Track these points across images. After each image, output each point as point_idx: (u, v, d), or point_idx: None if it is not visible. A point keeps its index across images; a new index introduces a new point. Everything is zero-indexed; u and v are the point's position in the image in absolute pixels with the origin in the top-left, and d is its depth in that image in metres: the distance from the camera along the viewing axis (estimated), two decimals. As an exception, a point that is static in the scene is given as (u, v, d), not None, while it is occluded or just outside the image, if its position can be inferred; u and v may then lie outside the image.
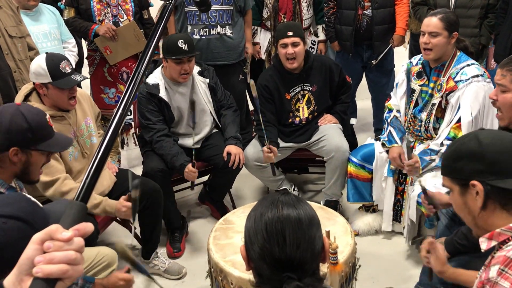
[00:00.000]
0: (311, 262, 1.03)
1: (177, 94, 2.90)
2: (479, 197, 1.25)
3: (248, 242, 1.07)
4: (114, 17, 3.35)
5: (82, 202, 0.77)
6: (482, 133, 1.30)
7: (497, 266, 1.17)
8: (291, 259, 1.01)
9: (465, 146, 1.30)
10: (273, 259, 1.01)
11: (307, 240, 1.02)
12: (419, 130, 2.72)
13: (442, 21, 2.49)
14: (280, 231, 1.02)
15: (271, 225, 1.02)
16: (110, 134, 0.86)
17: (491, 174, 1.24)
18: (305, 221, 1.04)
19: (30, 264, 0.70)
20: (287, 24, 2.98)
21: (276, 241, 1.01)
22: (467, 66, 2.53)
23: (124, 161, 3.97)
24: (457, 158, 1.31)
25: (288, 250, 1.00)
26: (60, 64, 2.25)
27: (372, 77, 3.93)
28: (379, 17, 3.60)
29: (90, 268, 2.02)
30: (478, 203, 1.26)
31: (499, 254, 1.19)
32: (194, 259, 2.89)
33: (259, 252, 1.03)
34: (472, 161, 1.27)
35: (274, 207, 1.05)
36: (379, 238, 2.97)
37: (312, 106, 3.09)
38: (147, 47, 1.01)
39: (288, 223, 1.02)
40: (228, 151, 2.86)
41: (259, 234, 1.03)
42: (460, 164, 1.30)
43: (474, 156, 1.26)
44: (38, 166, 1.83)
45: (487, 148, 1.25)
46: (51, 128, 1.86)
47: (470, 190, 1.27)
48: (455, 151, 1.32)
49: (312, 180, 3.66)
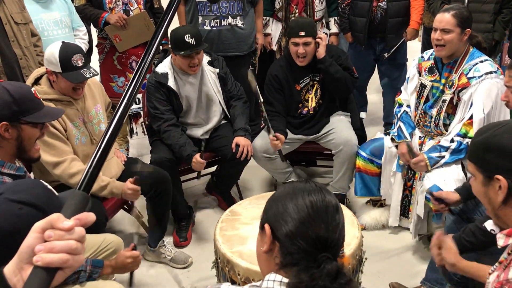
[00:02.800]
0: (341, 246, 1.07)
1: (187, 83, 2.89)
2: (502, 192, 1.22)
3: (282, 218, 1.06)
4: (125, 5, 3.35)
5: (84, 192, 0.77)
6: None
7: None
8: (331, 239, 1.03)
9: (497, 139, 1.24)
10: (316, 237, 1.02)
11: (342, 224, 1.07)
12: (429, 126, 2.69)
13: (455, 18, 2.45)
14: (325, 211, 1.05)
15: (317, 203, 1.05)
16: (114, 124, 0.85)
17: None
18: (340, 208, 1.09)
19: (30, 252, 0.70)
20: (300, 23, 2.91)
21: (321, 219, 1.04)
22: (480, 63, 2.48)
23: (132, 150, 3.99)
24: (486, 149, 1.26)
25: (331, 229, 1.04)
26: (72, 57, 2.24)
27: (384, 70, 3.89)
28: (394, 9, 3.56)
29: (96, 255, 2.04)
30: (500, 197, 1.23)
31: None
32: (200, 248, 2.90)
33: (300, 228, 1.03)
34: (501, 156, 1.22)
35: (316, 190, 1.08)
36: (385, 233, 2.96)
37: (319, 95, 3.07)
38: (154, 38, 0.99)
39: (330, 206, 1.06)
40: (236, 142, 2.86)
41: (303, 211, 1.04)
42: (488, 156, 1.25)
43: (505, 152, 1.22)
44: (32, 140, 1.82)
45: None
46: (39, 100, 1.85)
47: (493, 183, 1.24)
48: (486, 142, 1.26)
49: (320, 173, 3.64)
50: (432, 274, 2.30)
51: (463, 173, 2.51)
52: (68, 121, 2.34)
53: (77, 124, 2.39)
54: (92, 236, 2.07)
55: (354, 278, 1.97)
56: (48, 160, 2.25)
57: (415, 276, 2.53)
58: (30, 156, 1.84)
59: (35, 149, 1.85)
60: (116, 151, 2.71)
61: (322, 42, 2.90)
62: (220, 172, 3.21)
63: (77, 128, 2.38)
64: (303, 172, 3.67)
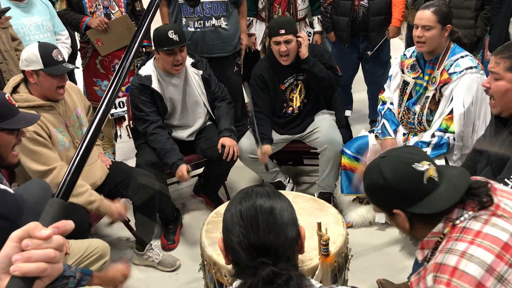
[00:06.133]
0: (285, 248, 1.07)
1: (170, 85, 2.88)
2: (405, 221, 1.37)
3: (226, 232, 1.12)
4: (106, 8, 3.33)
5: (62, 199, 0.76)
6: (384, 166, 1.37)
7: (431, 274, 1.26)
8: (264, 244, 1.05)
9: (372, 182, 1.40)
10: (249, 244, 1.06)
11: (279, 226, 1.08)
12: (412, 122, 2.71)
13: (435, 14, 2.47)
14: (254, 217, 1.08)
15: (246, 212, 1.09)
16: (92, 130, 0.85)
17: (404, 203, 1.35)
18: (277, 209, 1.10)
19: (7, 262, 0.69)
20: (279, 21, 2.94)
21: (250, 226, 1.07)
22: (461, 58, 2.51)
23: (117, 153, 3.96)
24: (371, 193, 1.43)
25: (262, 235, 1.06)
26: (52, 52, 2.25)
27: (368, 68, 3.92)
28: (375, 8, 3.59)
29: (82, 260, 2.03)
30: (406, 225, 1.38)
31: (430, 263, 1.29)
32: (188, 251, 2.89)
33: (236, 240, 1.08)
34: (384, 195, 1.38)
35: (248, 197, 1.12)
36: (372, 229, 2.98)
37: (303, 94, 3.08)
38: (132, 43, 0.99)
39: (261, 210, 1.08)
40: (222, 143, 2.86)
41: (236, 223, 1.09)
42: (376, 197, 1.43)
43: (384, 191, 1.37)
44: (8, 147, 1.81)
45: (391, 181, 1.34)
46: (14, 107, 1.84)
47: (395, 216, 1.39)
48: (368, 187, 1.43)
49: (307, 172, 3.66)
50: (418, 269, 2.32)
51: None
52: (51, 127, 2.31)
53: (61, 129, 2.37)
54: (77, 242, 2.06)
55: (341, 275, 1.98)
56: (36, 169, 2.22)
57: (402, 272, 2.56)
58: (8, 162, 1.82)
59: (13, 155, 1.83)
60: (100, 155, 2.69)
61: (304, 42, 2.92)
62: (207, 173, 3.20)
63: (61, 134, 2.36)
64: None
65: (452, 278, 1.20)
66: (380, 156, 1.44)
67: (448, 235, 1.31)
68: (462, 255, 1.22)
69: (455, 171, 1.41)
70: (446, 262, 1.23)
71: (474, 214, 1.30)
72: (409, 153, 1.38)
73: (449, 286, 1.20)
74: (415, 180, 1.32)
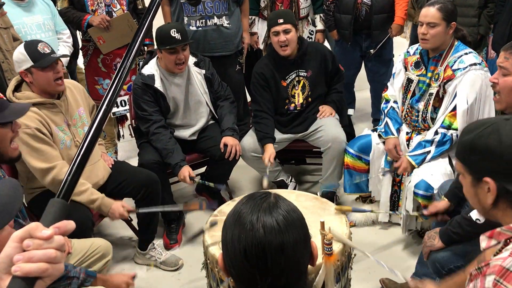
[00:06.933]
0: (298, 282, 0.95)
1: (173, 85, 2.88)
2: (491, 194, 1.18)
3: (226, 258, 0.97)
4: (107, 6, 3.33)
5: (63, 200, 0.76)
6: (505, 128, 1.16)
7: (492, 276, 1.10)
8: (275, 284, 0.92)
9: (483, 141, 1.18)
10: (256, 285, 0.92)
11: (292, 264, 0.92)
12: (416, 120, 2.70)
13: (440, 11, 2.46)
14: (261, 258, 0.90)
15: (251, 249, 0.90)
16: (93, 129, 0.84)
17: (506, 176, 1.16)
18: (290, 243, 0.91)
19: (9, 262, 0.68)
20: (277, 12, 2.97)
21: (257, 267, 0.91)
22: (465, 55, 2.50)
23: (119, 152, 3.96)
24: (473, 150, 1.20)
25: (271, 278, 0.91)
26: (38, 46, 2.23)
27: (371, 66, 3.90)
28: (378, 6, 3.58)
29: (84, 259, 2.03)
30: (489, 200, 1.19)
31: (495, 263, 1.12)
32: (191, 250, 2.89)
33: (241, 276, 0.94)
34: (489, 159, 1.17)
35: (254, 221, 0.92)
36: (376, 228, 2.97)
37: (307, 92, 3.07)
38: (133, 42, 0.98)
39: (269, 246, 0.90)
40: (224, 142, 2.85)
41: (239, 258, 0.92)
42: (475, 157, 1.20)
43: (492, 155, 1.16)
44: (5, 141, 1.80)
45: (508, 149, 1.14)
46: (3, 100, 1.83)
47: (482, 185, 1.19)
48: (472, 143, 1.20)
49: (310, 171, 3.65)
50: (421, 268, 2.32)
51: (450, 167, 2.53)
52: (53, 125, 2.31)
53: (62, 128, 2.36)
54: (80, 241, 2.06)
55: (344, 274, 1.97)
56: (37, 167, 2.21)
57: (405, 271, 2.53)
58: (8, 156, 1.82)
59: (12, 149, 1.82)
60: (103, 154, 2.69)
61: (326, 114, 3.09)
62: (209, 172, 3.19)
63: (63, 132, 2.36)
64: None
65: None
66: (504, 117, 1.24)
67: None
68: None
69: None
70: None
71: None
72: None
73: None
74: None
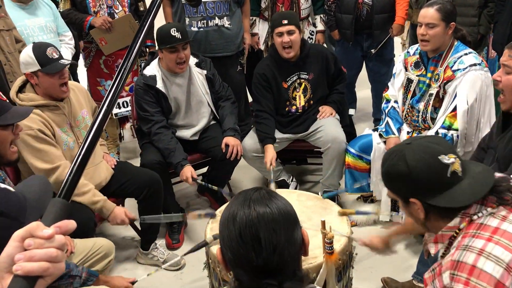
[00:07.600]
0: (291, 264, 0.98)
1: (174, 85, 2.89)
2: (420, 211, 1.34)
3: (223, 247, 1.02)
4: (109, 8, 3.35)
5: (64, 199, 0.77)
6: (409, 153, 1.33)
7: (447, 271, 1.23)
8: (269, 264, 0.96)
9: (394, 169, 1.35)
10: (251, 265, 0.96)
11: (284, 241, 0.97)
12: (416, 120, 2.70)
13: (439, 12, 2.46)
14: (255, 236, 0.96)
15: (245, 229, 0.97)
16: (94, 131, 0.85)
17: (424, 193, 1.32)
18: (280, 221, 0.98)
19: (10, 261, 0.69)
20: (281, 13, 2.97)
21: (252, 248, 0.96)
22: (465, 55, 2.50)
23: (121, 153, 3.97)
24: (390, 179, 1.39)
25: (265, 256, 0.95)
26: (46, 51, 2.23)
27: (372, 66, 3.91)
28: (379, 5, 3.58)
29: (87, 259, 2.04)
30: (421, 215, 1.35)
31: (446, 260, 1.26)
32: (193, 250, 2.89)
33: (237, 260, 0.98)
34: (405, 182, 1.34)
35: (246, 207, 0.99)
36: (377, 228, 2.97)
37: (309, 95, 3.07)
38: (134, 43, 0.99)
39: (262, 226, 0.96)
40: (226, 142, 2.86)
41: (233, 240, 0.97)
42: (395, 184, 1.39)
43: (406, 178, 1.33)
44: (6, 143, 1.80)
45: (414, 170, 1.30)
46: (5, 102, 1.84)
47: (411, 205, 1.36)
48: (387, 173, 1.39)
49: (311, 171, 3.65)
50: (423, 267, 2.31)
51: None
52: (56, 126, 2.32)
53: (65, 129, 2.38)
54: (82, 240, 2.07)
55: (346, 273, 1.98)
56: (41, 167, 2.22)
57: (406, 270, 2.55)
58: (7, 159, 1.82)
59: (11, 152, 1.82)
60: (105, 155, 2.70)
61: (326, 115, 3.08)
62: (211, 173, 3.21)
63: (65, 134, 2.37)
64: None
65: (470, 277, 1.18)
66: (406, 142, 1.40)
67: (464, 230, 1.29)
68: (480, 252, 1.20)
69: (479, 167, 1.37)
70: (464, 260, 1.21)
71: (492, 211, 1.28)
72: (436, 144, 1.34)
73: (468, 285, 1.18)
74: (439, 172, 1.29)
